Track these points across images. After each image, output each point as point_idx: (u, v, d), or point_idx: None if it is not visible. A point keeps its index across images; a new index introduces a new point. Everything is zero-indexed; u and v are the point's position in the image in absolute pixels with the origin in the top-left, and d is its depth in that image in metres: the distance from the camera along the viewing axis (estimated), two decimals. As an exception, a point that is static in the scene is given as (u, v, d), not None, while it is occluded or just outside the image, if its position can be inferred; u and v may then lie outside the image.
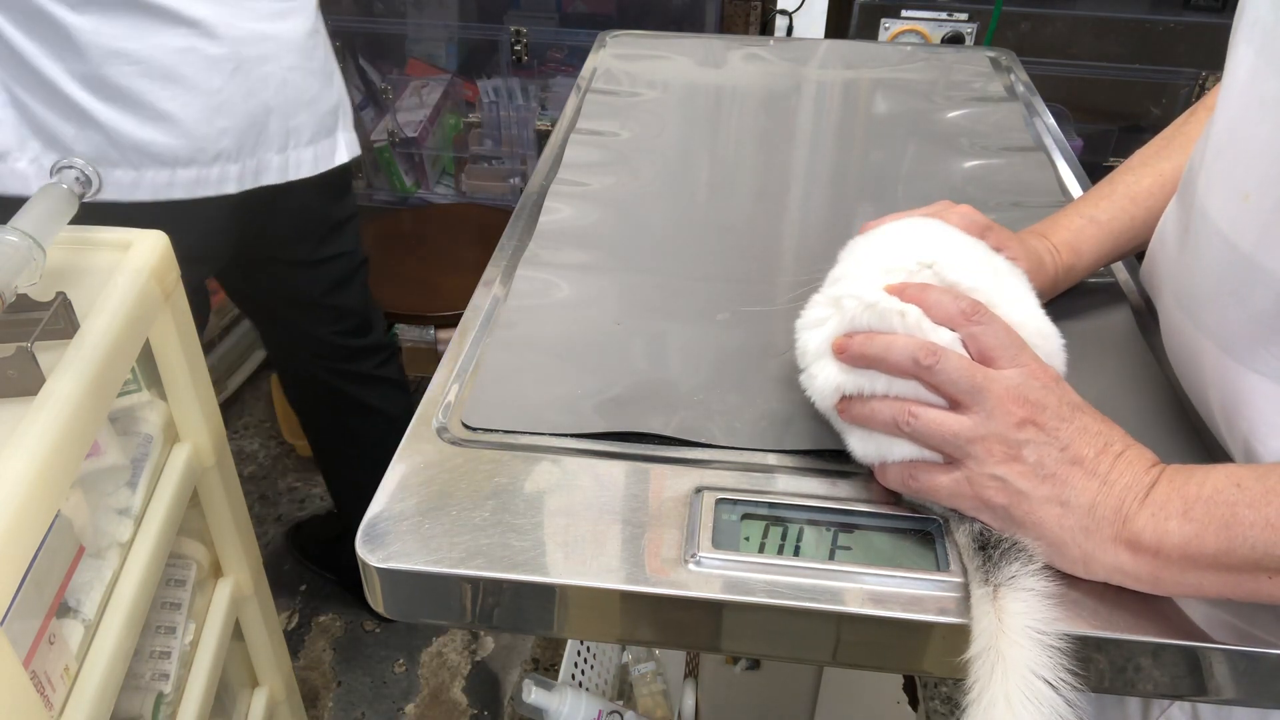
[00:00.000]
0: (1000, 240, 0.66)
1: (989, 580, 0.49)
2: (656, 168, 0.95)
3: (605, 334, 0.71)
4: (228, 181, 1.11)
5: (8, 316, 0.70)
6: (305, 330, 1.41)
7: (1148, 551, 0.47)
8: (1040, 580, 0.49)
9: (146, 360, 0.87)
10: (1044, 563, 0.50)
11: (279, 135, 1.14)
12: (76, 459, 0.69)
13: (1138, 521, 0.48)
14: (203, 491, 0.98)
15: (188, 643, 0.96)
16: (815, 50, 1.24)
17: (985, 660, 0.47)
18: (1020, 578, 0.49)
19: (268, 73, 1.10)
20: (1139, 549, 0.48)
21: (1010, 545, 0.50)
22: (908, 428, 0.52)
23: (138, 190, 1.06)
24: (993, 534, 0.51)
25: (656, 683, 1.32)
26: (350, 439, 1.53)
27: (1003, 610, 0.48)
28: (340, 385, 1.47)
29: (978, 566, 0.50)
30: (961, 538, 0.53)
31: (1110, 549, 0.48)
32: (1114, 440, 0.50)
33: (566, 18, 2.07)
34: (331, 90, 1.21)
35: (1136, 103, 1.83)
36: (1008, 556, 0.49)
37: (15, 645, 0.61)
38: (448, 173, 2.28)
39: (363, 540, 0.54)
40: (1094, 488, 0.49)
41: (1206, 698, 0.52)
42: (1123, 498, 0.48)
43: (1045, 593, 0.48)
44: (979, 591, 0.49)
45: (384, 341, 1.52)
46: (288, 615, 1.71)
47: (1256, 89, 0.52)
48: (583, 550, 0.54)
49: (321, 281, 1.36)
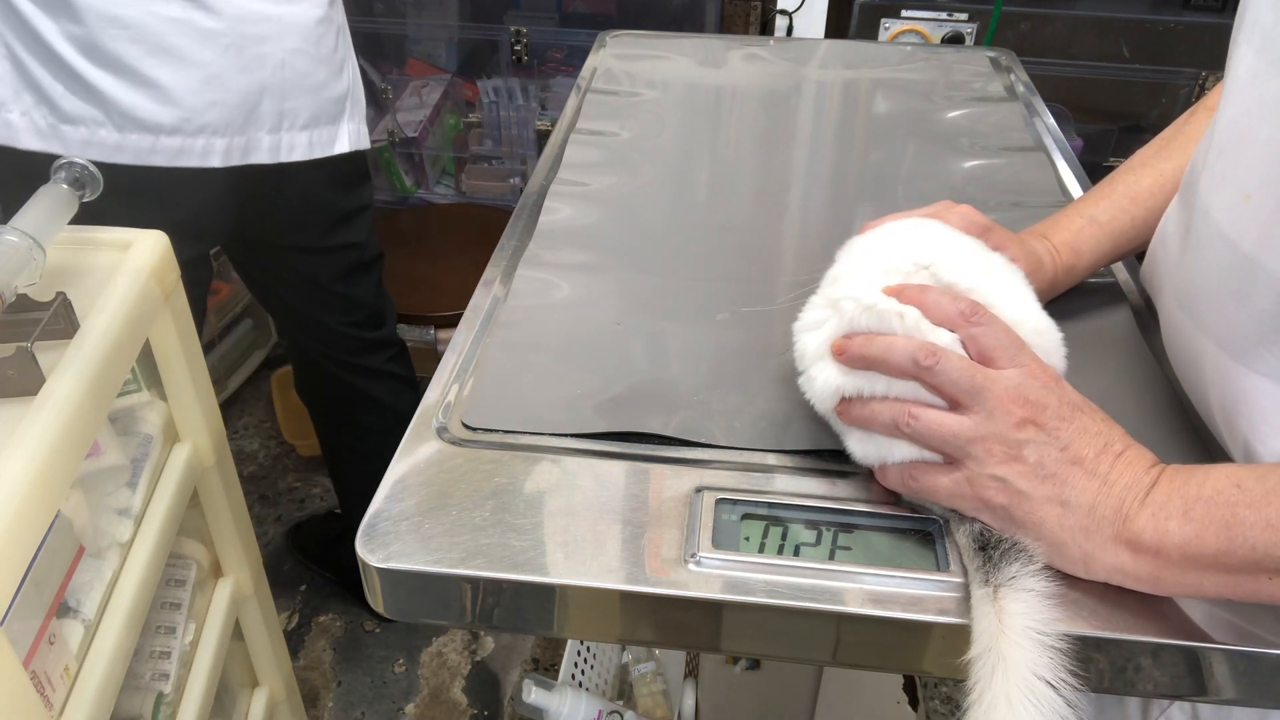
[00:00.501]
0: (1000, 241, 0.66)
1: (989, 580, 0.49)
2: (656, 168, 0.95)
3: (605, 334, 0.71)
4: (213, 154, 1.11)
5: (8, 316, 0.70)
6: (313, 317, 1.41)
7: (1148, 551, 0.47)
8: (1040, 581, 0.49)
9: (146, 360, 0.87)
10: (1044, 563, 0.50)
11: (271, 116, 1.14)
12: (76, 459, 0.69)
13: (1138, 522, 0.48)
14: (203, 491, 0.98)
15: (188, 643, 0.96)
16: (815, 50, 1.24)
17: (986, 661, 0.47)
18: (1020, 578, 0.49)
19: (266, 53, 1.11)
20: (1139, 549, 0.48)
21: (1010, 545, 0.50)
22: (908, 429, 0.52)
23: (120, 153, 1.07)
24: (993, 534, 0.51)
25: (656, 683, 1.32)
26: (357, 433, 1.53)
27: (1003, 611, 0.48)
28: (348, 378, 1.48)
29: (978, 567, 0.50)
30: (961, 538, 0.53)
31: (1110, 549, 0.48)
32: (1114, 440, 0.50)
33: (566, 18, 2.07)
34: (340, 80, 1.21)
35: (1136, 103, 1.83)
36: (1008, 557, 0.49)
37: (15, 645, 0.61)
38: (448, 173, 2.28)
39: (363, 540, 0.54)
40: (1094, 488, 0.49)
41: (1206, 698, 0.52)
42: (1123, 498, 0.48)
43: (1045, 593, 0.48)
44: (979, 592, 0.49)
45: (395, 338, 1.52)
46: (288, 615, 1.71)
47: (1257, 89, 0.52)
48: (583, 550, 0.54)
49: (329, 269, 1.36)
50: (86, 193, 0.80)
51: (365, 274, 1.41)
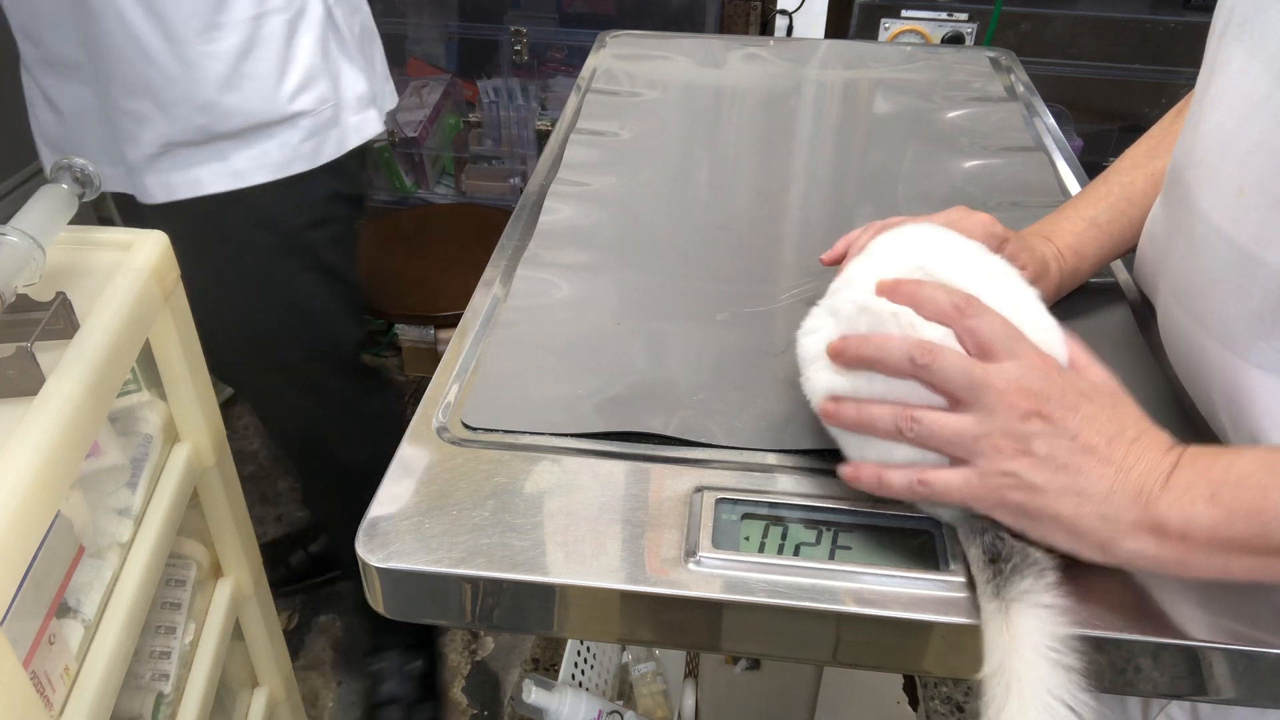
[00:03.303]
0: (1014, 251, 0.66)
1: (999, 594, 0.48)
2: (656, 168, 0.95)
3: (605, 334, 0.71)
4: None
5: (8, 316, 0.70)
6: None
7: (1174, 536, 0.46)
8: (1052, 596, 0.48)
9: (146, 360, 0.87)
10: (1055, 579, 0.49)
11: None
12: (76, 459, 0.69)
13: (1161, 506, 0.47)
14: (203, 491, 0.98)
15: (188, 643, 0.96)
16: (815, 50, 1.24)
17: (999, 680, 0.46)
18: (1032, 593, 0.48)
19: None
20: (1164, 534, 0.46)
21: (1021, 559, 0.49)
22: (911, 433, 0.51)
23: (378, 125, 1.22)
24: (1002, 547, 0.50)
25: (656, 683, 1.32)
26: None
27: (1014, 627, 0.47)
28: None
29: (987, 580, 0.49)
30: (970, 549, 0.52)
31: (1131, 534, 0.47)
32: (1126, 426, 0.49)
33: (566, 18, 2.07)
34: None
35: (1136, 103, 1.83)
36: (1019, 571, 0.49)
37: (15, 645, 0.61)
38: (448, 173, 2.28)
39: (363, 540, 0.54)
40: (1110, 475, 0.48)
41: (1206, 697, 0.52)
42: (1142, 482, 0.47)
43: (1058, 608, 0.47)
44: (989, 606, 0.49)
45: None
46: (288, 615, 1.71)
47: (1248, 87, 0.52)
48: (583, 550, 0.54)
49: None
50: (87, 193, 0.80)
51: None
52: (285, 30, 1.06)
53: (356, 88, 1.17)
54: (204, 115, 1.04)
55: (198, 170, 1.07)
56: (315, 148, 1.12)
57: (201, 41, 1.01)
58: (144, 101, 1.02)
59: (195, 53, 1.01)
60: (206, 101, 1.03)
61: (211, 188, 1.08)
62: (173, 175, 1.07)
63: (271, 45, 1.05)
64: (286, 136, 1.10)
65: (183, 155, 1.06)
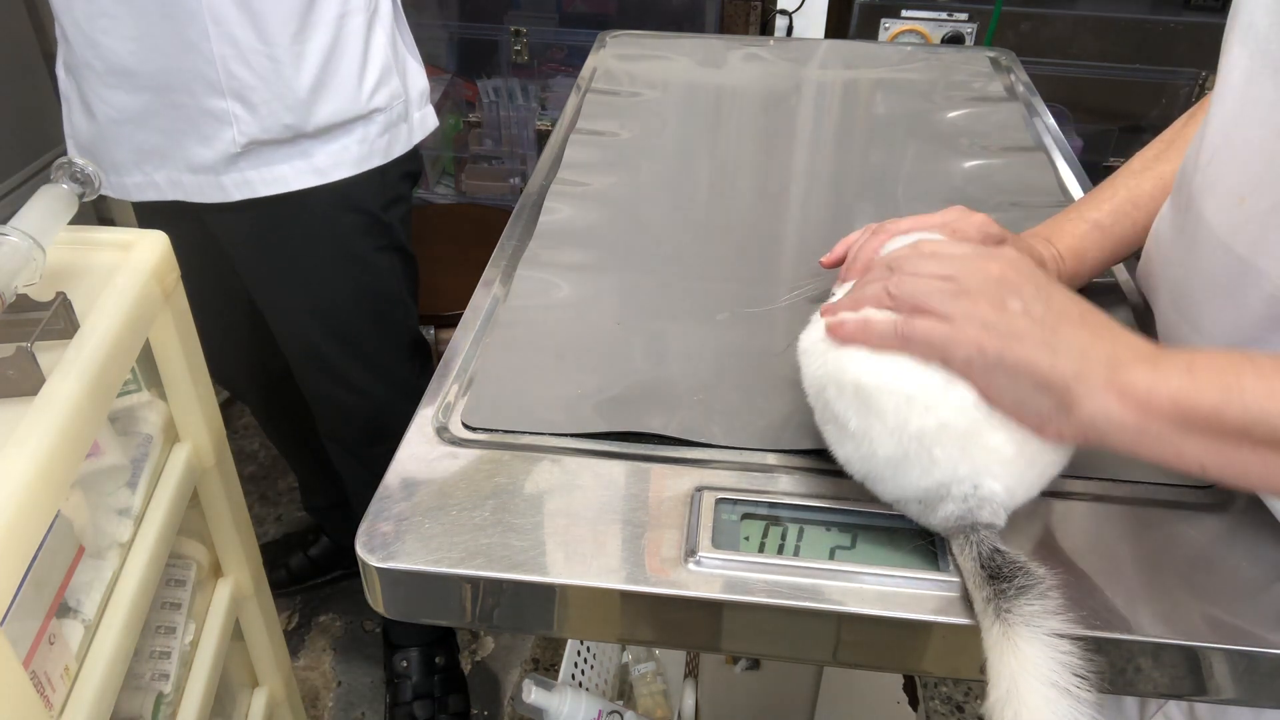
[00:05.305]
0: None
1: (1001, 615, 0.47)
2: (656, 168, 0.95)
3: (605, 334, 0.71)
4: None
5: (8, 316, 0.70)
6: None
7: (1137, 399, 0.46)
8: (1058, 621, 0.47)
9: (146, 360, 0.87)
10: (1060, 603, 0.47)
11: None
12: (76, 459, 0.69)
13: (1134, 370, 0.47)
14: (203, 491, 0.98)
15: (188, 643, 0.96)
16: (815, 50, 1.24)
17: (1008, 707, 0.45)
18: (1040, 618, 0.46)
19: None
20: (1128, 396, 0.46)
21: (1025, 578, 0.48)
22: (895, 289, 0.53)
23: (435, 119, 1.24)
24: (1002, 563, 0.49)
25: (656, 683, 1.32)
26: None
27: (1021, 653, 0.46)
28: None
29: (987, 599, 0.48)
30: (966, 563, 0.51)
31: (1099, 394, 0.47)
32: (1098, 315, 0.50)
33: (566, 18, 2.07)
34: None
35: (1136, 103, 1.83)
36: (1025, 593, 0.47)
37: (15, 645, 0.61)
38: (448, 173, 2.28)
39: (363, 540, 0.54)
40: (1085, 336, 0.49)
41: (1206, 698, 0.52)
42: (1115, 346, 0.48)
43: (1063, 632, 0.46)
44: (993, 628, 0.47)
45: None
46: (288, 615, 1.71)
47: (1251, 92, 0.52)
48: (583, 550, 0.54)
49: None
50: (87, 193, 0.80)
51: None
52: (364, 28, 1.08)
53: (420, 83, 1.19)
54: (293, 114, 1.05)
55: (281, 168, 1.08)
56: (389, 143, 1.15)
57: (295, 41, 1.03)
58: (231, 102, 1.03)
59: (288, 53, 1.03)
60: (296, 101, 1.05)
61: (295, 184, 1.09)
62: (251, 173, 1.08)
63: (354, 43, 1.07)
64: (364, 132, 1.12)
65: (266, 153, 1.07)
